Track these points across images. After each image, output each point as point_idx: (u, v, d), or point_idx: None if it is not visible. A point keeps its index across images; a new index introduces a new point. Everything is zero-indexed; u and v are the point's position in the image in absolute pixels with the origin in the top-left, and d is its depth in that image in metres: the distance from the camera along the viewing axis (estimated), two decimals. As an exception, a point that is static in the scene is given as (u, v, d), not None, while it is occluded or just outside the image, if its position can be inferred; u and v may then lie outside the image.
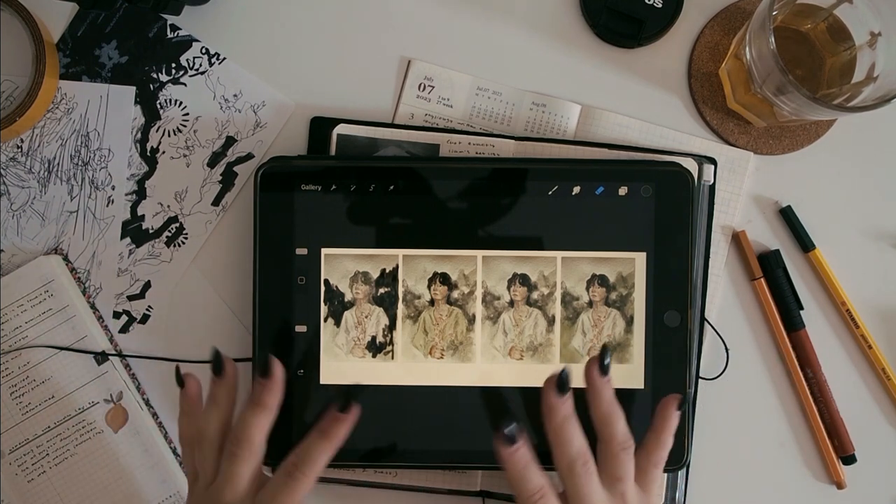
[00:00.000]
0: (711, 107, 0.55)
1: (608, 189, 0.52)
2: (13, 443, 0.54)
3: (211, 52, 0.56)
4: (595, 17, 0.54)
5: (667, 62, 0.55)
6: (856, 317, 0.54)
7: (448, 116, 0.55)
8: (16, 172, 0.55)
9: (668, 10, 0.54)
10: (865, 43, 0.49)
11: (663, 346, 0.51)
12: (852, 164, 0.55)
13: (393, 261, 0.52)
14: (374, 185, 0.52)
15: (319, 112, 0.55)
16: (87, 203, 0.55)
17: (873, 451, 0.54)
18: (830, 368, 0.54)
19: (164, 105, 0.55)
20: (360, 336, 0.52)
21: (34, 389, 0.54)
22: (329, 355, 0.52)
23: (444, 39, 0.56)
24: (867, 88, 0.48)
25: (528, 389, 0.52)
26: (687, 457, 0.52)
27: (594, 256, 0.52)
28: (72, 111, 0.55)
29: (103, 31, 0.55)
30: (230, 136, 0.55)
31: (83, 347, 0.54)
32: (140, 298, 0.55)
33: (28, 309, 0.54)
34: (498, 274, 0.52)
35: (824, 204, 0.55)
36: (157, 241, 0.55)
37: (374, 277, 0.52)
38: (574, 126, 0.55)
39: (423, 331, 0.52)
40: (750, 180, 0.55)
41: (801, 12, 0.51)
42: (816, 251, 0.54)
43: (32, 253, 0.55)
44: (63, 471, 0.54)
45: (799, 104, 0.47)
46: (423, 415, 0.52)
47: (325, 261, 0.52)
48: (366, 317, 0.52)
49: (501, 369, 0.52)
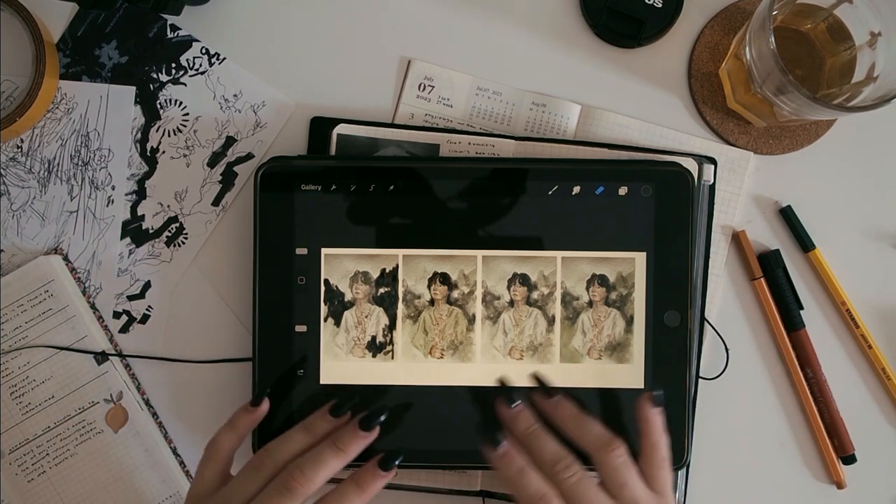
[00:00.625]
0: (711, 107, 0.55)
1: (608, 189, 0.52)
2: (13, 443, 0.54)
3: (211, 52, 0.56)
4: (595, 17, 0.54)
5: (667, 62, 0.55)
6: (856, 317, 0.54)
7: (448, 116, 0.55)
8: (16, 172, 0.55)
9: (668, 10, 0.54)
10: (865, 43, 0.49)
11: (663, 346, 0.51)
12: (852, 164, 0.55)
13: (393, 261, 0.52)
14: (374, 185, 0.52)
15: (319, 112, 0.55)
16: (87, 203, 0.55)
17: (873, 451, 0.54)
18: (830, 368, 0.54)
19: (164, 105, 0.55)
20: (360, 336, 0.52)
21: (34, 389, 0.54)
22: (329, 355, 0.52)
23: (444, 39, 0.56)
24: (867, 88, 0.48)
25: (529, 389, 0.52)
26: (687, 457, 0.52)
27: (594, 256, 0.52)
28: (72, 111, 0.55)
29: (103, 31, 0.55)
30: (230, 136, 0.55)
31: (83, 347, 0.54)
32: (140, 298, 0.55)
33: (28, 309, 0.54)
34: (498, 274, 0.52)
35: (824, 204, 0.55)
36: (157, 241, 0.55)
37: (374, 277, 0.52)
38: (574, 126, 0.55)
39: (423, 331, 0.52)
40: (750, 180, 0.55)
41: (801, 12, 0.51)
42: (816, 251, 0.54)
43: (32, 253, 0.55)
44: (63, 471, 0.54)
45: (799, 104, 0.47)
46: (423, 415, 0.52)
47: (325, 261, 0.52)
48: (366, 317, 0.52)
49: (501, 369, 0.52)
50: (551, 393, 0.47)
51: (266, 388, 0.51)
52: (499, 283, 0.52)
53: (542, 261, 0.52)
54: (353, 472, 0.46)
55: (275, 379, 0.52)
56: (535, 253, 0.52)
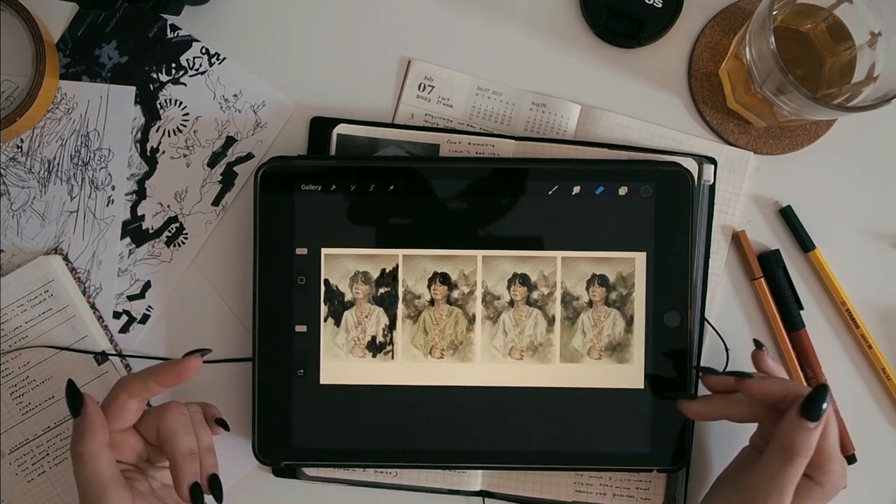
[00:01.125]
0: (711, 107, 0.55)
1: (608, 189, 0.52)
2: (13, 443, 0.54)
3: (211, 52, 0.56)
4: (595, 17, 0.54)
5: (667, 62, 0.55)
6: (856, 317, 0.54)
7: (448, 116, 0.55)
8: (16, 172, 0.55)
9: (668, 10, 0.54)
10: (865, 43, 0.49)
11: (663, 346, 0.51)
12: (852, 164, 0.55)
13: (393, 260, 0.52)
14: (374, 185, 0.52)
15: (319, 112, 0.55)
16: (87, 203, 0.55)
17: (873, 451, 0.54)
18: (830, 368, 0.54)
19: (164, 105, 0.55)
20: (360, 336, 0.52)
21: (34, 389, 0.54)
22: (329, 355, 0.52)
23: (444, 39, 0.56)
24: (867, 88, 0.48)
25: (528, 389, 0.52)
26: (687, 457, 0.52)
27: (594, 256, 0.52)
28: (72, 111, 0.55)
29: (103, 31, 0.55)
30: (230, 136, 0.55)
31: (83, 347, 0.54)
32: (140, 298, 0.55)
33: (28, 309, 0.54)
34: (498, 274, 0.52)
35: (824, 204, 0.55)
36: (157, 241, 0.55)
37: (374, 277, 0.52)
38: (574, 126, 0.55)
39: (423, 331, 0.52)
40: (750, 180, 0.55)
41: (801, 12, 0.51)
42: (816, 251, 0.54)
43: (32, 253, 0.55)
44: (63, 471, 0.54)
45: (799, 104, 0.47)
46: (423, 415, 0.52)
47: (325, 261, 0.52)
48: (366, 317, 0.52)
49: (501, 369, 0.52)
50: (759, 346, 0.49)
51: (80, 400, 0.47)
52: (498, 282, 0.52)
53: (541, 261, 0.52)
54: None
55: (275, 379, 0.52)
56: (535, 253, 0.52)
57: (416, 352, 0.52)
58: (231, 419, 0.52)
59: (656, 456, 0.51)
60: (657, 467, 0.52)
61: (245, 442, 0.54)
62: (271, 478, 0.55)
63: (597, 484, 0.53)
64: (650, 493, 0.53)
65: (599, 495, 0.53)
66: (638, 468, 0.52)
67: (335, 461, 0.52)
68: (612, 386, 0.52)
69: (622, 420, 0.51)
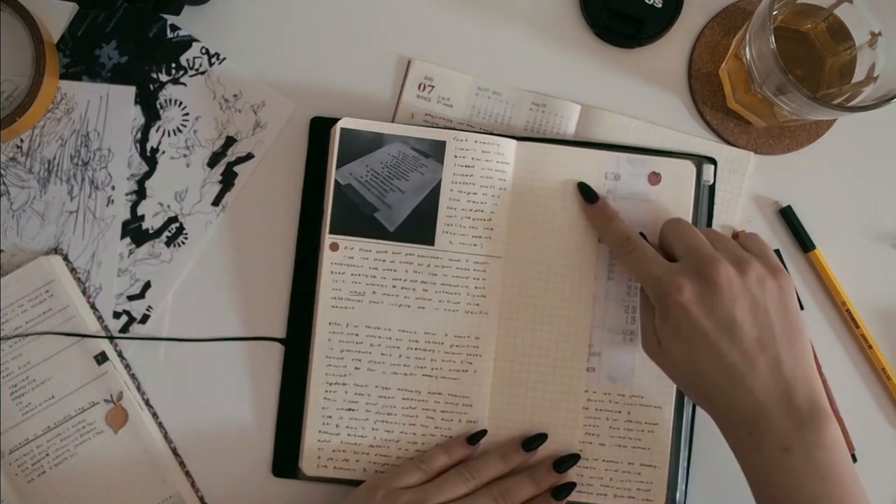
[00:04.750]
0: (711, 107, 0.55)
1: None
2: (13, 443, 0.54)
3: (211, 52, 0.56)
4: (595, 17, 0.54)
5: (667, 62, 0.55)
6: (856, 317, 0.54)
7: (448, 116, 0.55)
8: (16, 172, 0.55)
9: (668, 10, 0.54)
10: (865, 43, 0.49)
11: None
12: (852, 164, 0.55)
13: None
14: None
15: (319, 112, 0.55)
16: (87, 203, 0.55)
17: (873, 451, 0.54)
18: (830, 368, 0.54)
19: (164, 105, 0.55)
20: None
21: (34, 389, 0.54)
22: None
23: (444, 39, 0.56)
24: (867, 88, 0.48)
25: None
26: (687, 457, 0.52)
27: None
28: (72, 111, 0.55)
29: (103, 31, 0.55)
30: (230, 136, 0.55)
31: (83, 347, 0.54)
32: (140, 298, 0.55)
33: (28, 309, 0.54)
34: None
35: (824, 204, 0.55)
36: (157, 241, 0.55)
37: None
38: (574, 126, 0.55)
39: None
40: (750, 180, 0.55)
41: (801, 12, 0.51)
42: (816, 251, 0.54)
43: (32, 253, 0.55)
44: (63, 471, 0.54)
45: (799, 104, 0.47)
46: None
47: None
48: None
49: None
50: (593, 199, 0.51)
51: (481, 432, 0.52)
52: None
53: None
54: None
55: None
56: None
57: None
58: (232, 418, 0.52)
59: None
60: None
61: (244, 445, 0.54)
62: (271, 478, 0.55)
63: (597, 484, 0.53)
64: (650, 493, 0.53)
65: (600, 496, 0.53)
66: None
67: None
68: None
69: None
